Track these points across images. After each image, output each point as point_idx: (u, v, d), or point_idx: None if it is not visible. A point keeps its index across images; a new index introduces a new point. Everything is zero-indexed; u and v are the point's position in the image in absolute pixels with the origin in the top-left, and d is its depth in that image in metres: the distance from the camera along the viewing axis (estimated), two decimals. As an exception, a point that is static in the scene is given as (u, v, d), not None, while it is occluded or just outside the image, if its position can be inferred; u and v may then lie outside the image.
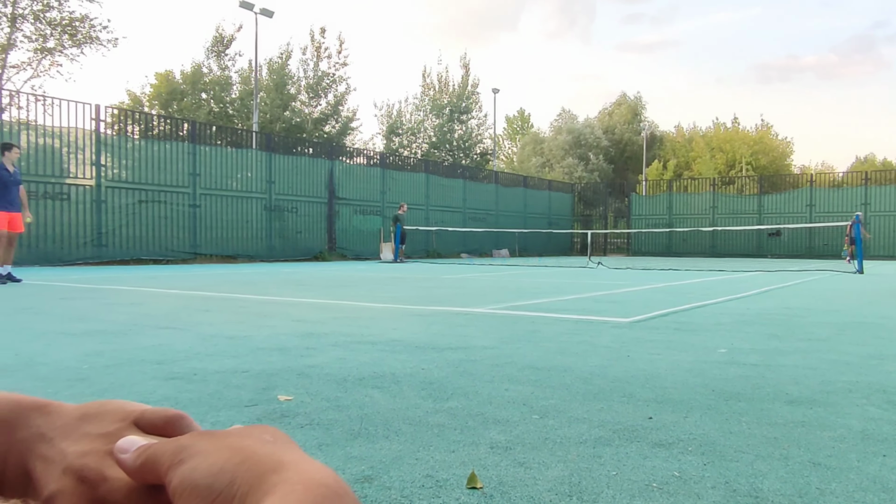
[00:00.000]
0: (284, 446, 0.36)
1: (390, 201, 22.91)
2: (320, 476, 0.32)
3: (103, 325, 4.76)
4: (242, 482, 0.32)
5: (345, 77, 35.65)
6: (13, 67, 26.50)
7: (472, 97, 41.46)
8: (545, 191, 32.70)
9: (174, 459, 0.36)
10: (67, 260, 14.62)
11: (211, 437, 0.37)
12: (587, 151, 47.73)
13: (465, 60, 41.91)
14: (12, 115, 15.40)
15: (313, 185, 20.67)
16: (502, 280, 10.96)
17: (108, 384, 2.85)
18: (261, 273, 12.50)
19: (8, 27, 25.28)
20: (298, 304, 6.56)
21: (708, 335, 4.45)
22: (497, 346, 3.91)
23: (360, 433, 2.15)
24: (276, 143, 20.30)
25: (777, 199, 28.72)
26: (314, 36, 35.07)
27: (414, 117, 40.88)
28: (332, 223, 21.16)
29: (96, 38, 26.50)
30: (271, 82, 33.80)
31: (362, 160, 23.51)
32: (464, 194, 26.73)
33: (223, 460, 0.34)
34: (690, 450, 1.99)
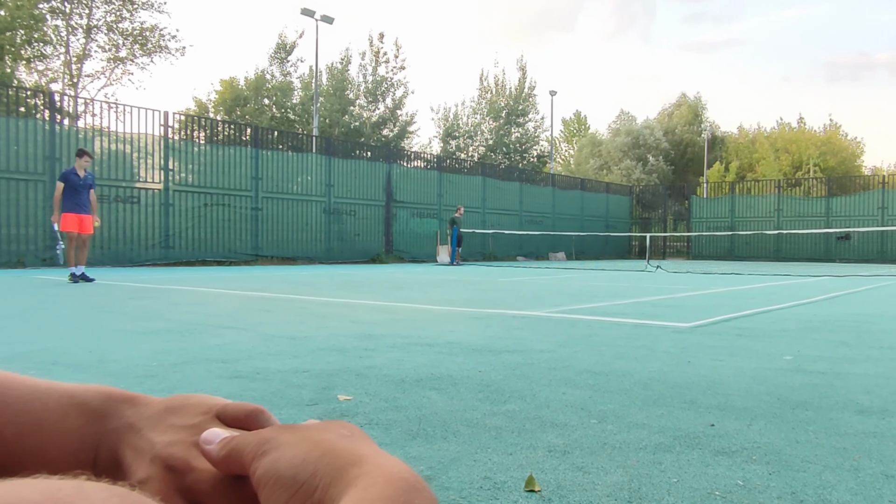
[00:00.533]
0: (361, 441, 0.38)
1: (447, 204, 23.00)
2: (398, 470, 0.34)
3: (170, 324, 4.92)
4: (324, 474, 0.34)
5: (402, 81, 36.01)
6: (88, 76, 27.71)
7: (528, 99, 41.30)
8: (603, 193, 32.29)
9: (258, 451, 0.38)
10: (136, 261, 15.19)
11: (292, 431, 0.39)
12: (646, 153, 46.91)
13: (522, 63, 41.86)
14: (87, 122, 16.10)
15: (371, 188, 20.92)
16: (559, 283, 10.88)
17: (175, 381, 2.95)
18: (319, 274, 12.72)
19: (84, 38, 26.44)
20: (356, 305, 6.66)
21: (772, 341, 4.33)
22: (554, 350, 3.89)
23: (419, 434, 2.18)
24: (335, 147, 20.63)
25: (846, 201, 27.65)
26: (372, 41, 35.55)
27: (471, 120, 40.97)
28: (389, 226, 21.37)
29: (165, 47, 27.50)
30: (331, 87, 34.38)
31: (419, 163, 23.68)
32: (520, 197, 26.62)
33: (305, 453, 0.36)
34: (755, 458, 1.95)
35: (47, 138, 14.10)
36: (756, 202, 29.79)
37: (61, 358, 3.47)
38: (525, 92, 41.25)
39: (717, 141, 50.34)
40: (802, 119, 51.42)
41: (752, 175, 46.20)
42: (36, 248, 13.75)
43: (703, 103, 51.64)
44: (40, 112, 14.71)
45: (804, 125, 50.43)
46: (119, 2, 26.49)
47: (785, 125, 51.34)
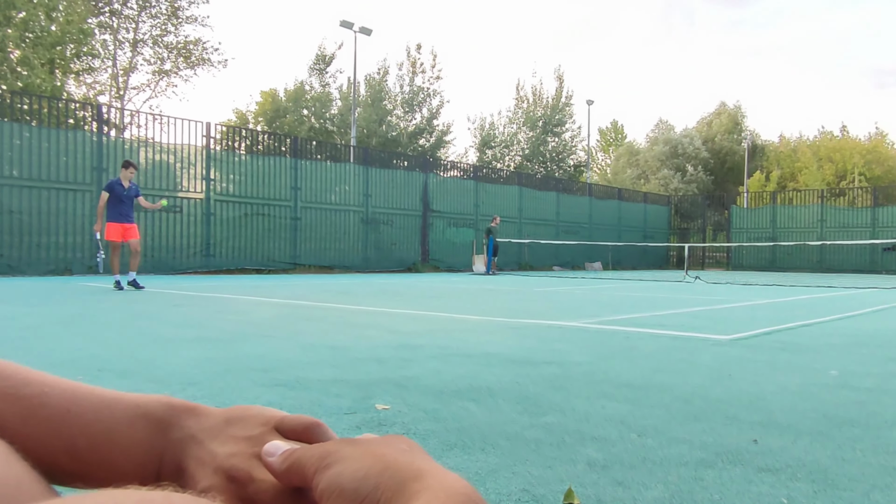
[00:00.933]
0: (420, 456, 0.39)
1: (483, 214, 23.00)
2: (459, 485, 0.35)
3: (212, 331, 5.02)
4: (386, 488, 0.36)
5: (439, 91, 36.19)
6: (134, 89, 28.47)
7: (565, 109, 41.13)
8: (640, 203, 31.95)
9: (321, 464, 0.40)
10: (178, 269, 15.50)
11: (354, 445, 0.40)
12: (685, 162, 46.30)
13: (560, 72, 41.68)
14: (132, 133, 16.52)
15: (408, 197, 21.04)
16: (595, 293, 10.79)
17: (218, 389, 3.01)
18: (357, 284, 12.81)
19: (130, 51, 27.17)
20: (394, 314, 6.70)
21: (817, 356, 4.24)
22: (592, 362, 3.86)
23: (457, 445, 2.19)
24: (372, 157, 20.82)
25: (894, 211, 26.90)
26: (410, 52, 35.82)
27: (507, 130, 40.95)
28: (425, 235, 21.45)
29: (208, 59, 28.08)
30: (369, 98, 34.72)
31: (456, 173, 23.75)
32: (557, 207, 26.50)
33: (367, 466, 0.37)
34: (799, 476, 1.91)
35: (94, 149, 14.52)
36: (798, 212, 29.16)
37: (107, 364, 3.56)
38: (562, 101, 41.11)
39: (757, 150, 49.46)
40: (845, 127, 50.30)
41: (793, 184, 45.29)
42: (82, 256, 14.13)
43: (743, 111, 50.84)
44: (88, 124, 15.14)
45: (847, 133, 49.29)
46: (164, 16, 27.19)
47: (827, 133, 50.25)
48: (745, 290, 12.48)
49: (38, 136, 13.86)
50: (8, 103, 14.43)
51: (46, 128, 14.05)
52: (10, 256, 13.24)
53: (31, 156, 13.69)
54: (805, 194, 30.89)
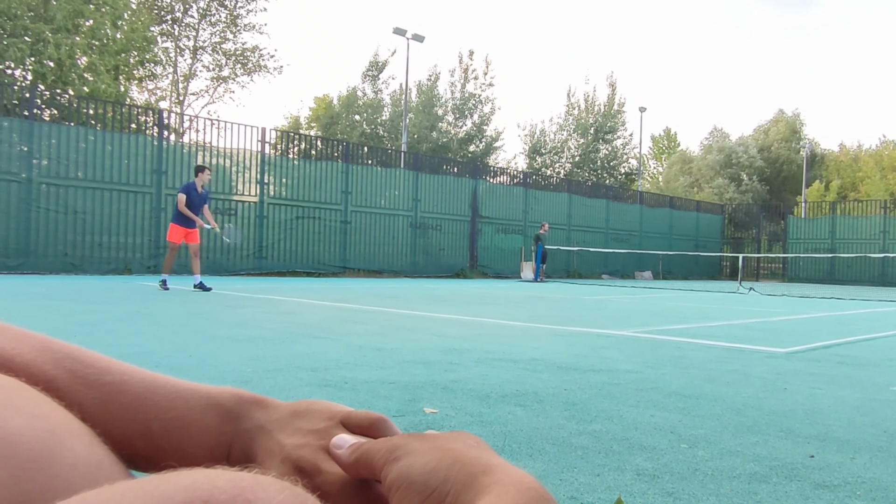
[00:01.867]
0: (488, 452, 0.40)
1: (532, 220, 22.89)
2: (528, 480, 0.35)
3: (263, 332, 5.12)
4: (455, 481, 0.36)
5: (490, 97, 36.21)
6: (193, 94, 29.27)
7: (617, 116, 40.69)
8: (693, 212, 31.33)
9: (390, 456, 0.40)
10: (232, 270, 15.85)
11: (422, 439, 0.41)
12: (739, 171, 45.24)
13: (612, 79, 41.30)
14: (191, 138, 16.99)
15: (457, 203, 21.08)
16: (645, 303, 10.62)
17: (268, 387, 3.07)
18: (405, 288, 12.89)
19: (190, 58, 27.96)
20: (441, 319, 6.72)
21: (877, 371, 4.09)
22: (641, 371, 3.81)
23: (504, 449, 2.18)
24: (422, 163, 20.94)
25: (962, 223, 25.76)
26: (462, 58, 35.96)
27: (557, 137, 40.71)
28: (474, 241, 21.45)
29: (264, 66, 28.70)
30: (420, 104, 34.97)
31: (505, 179, 23.70)
32: (606, 214, 26.19)
33: (436, 460, 0.38)
34: (859, 494, 1.85)
35: (155, 153, 14.98)
36: (859, 223, 28.17)
37: (163, 361, 3.66)
38: (614, 108, 40.68)
39: (816, 159, 48.01)
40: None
41: (854, 195, 43.79)
42: (142, 256, 14.57)
43: (801, 119, 49.41)
44: (149, 128, 15.65)
45: (914, 142, 47.46)
46: (223, 24, 27.91)
47: (890, 142, 48.47)
48: (801, 303, 12.12)
49: (102, 140, 14.37)
50: (75, 108, 15.00)
51: (110, 132, 14.57)
52: (73, 255, 13.74)
53: (96, 158, 14.19)
54: (867, 205, 29.84)
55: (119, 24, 22.76)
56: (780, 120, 49.34)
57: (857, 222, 28.28)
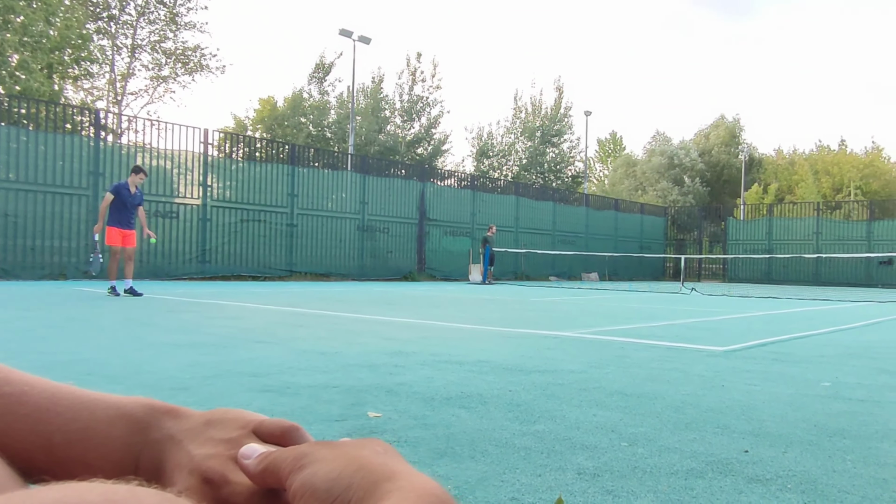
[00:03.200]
0: (395, 458, 0.39)
1: (480, 223, 23.02)
2: (430, 486, 0.35)
3: (204, 337, 5.00)
4: (358, 488, 0.35)
5: (438, 100, 36.30)
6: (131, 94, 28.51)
7: (564, 120, 41.27)
8: (637, 214, 32.02)
9: (295, 465, 0.39)
10: (174, 274, 15.47)
11: (329, 447, 0.40)
12: (682, 174, 46.46)
13: (559, 83, 41.89)
14: (130, 139, 16.52)
15: (405, 206, 21.06)
16: (591, 304, 10.78)
17: (207, 394, 2.99)
18: (352, 291, 12.80)
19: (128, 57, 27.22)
20: (388, 322, 6.68)
21: (810, 367, 4.23)
22: (585, 371, 3.85)
23: (447, 452, 2.17)
24: (370, 165, 20.84)
25: (889, 225, 26.97)
26: (410, 60, 35.94)
27: (504, 140, 41.06)
28: (422, 244, 21.45)
29: (206, 66, 28.13)
30: (367, 106, 34.80)
31: (453, 182, 23.78)
32: (553, 217, 26.53)
33: (341, 467, 0.37)
34: (790, 487, 1.90)
35: (91, 154, 14.52)
36: (795, 225, 29.24)
37: (98, 368, 3.54)
38: (561, 112, 41.25)
39: (754, 162, 49.67)
40: (844, 141, 50.55)
41: (790, 197, 45.44)
42: (77, 261, 14.09)
43: (741, 124, 51.06)
44: (85, 129, 15.15)
45: (845, 147, 49.55)
46: (163, 22, 27.25)
47: (824, 147, 50.49)
48: (740, 302, 12.49)
49: (36, 141, 13.85)
50: (6, 107, 14.42)
51: (44, 132, 14.04)
52: (4, 260, 13.20)
53: (28, 160, 13.67)
54: (801, 207, 30.99)
55: (52, 20, 22.00)
56: (721, 125, 50.88)
57: (792, 224, 29.34)
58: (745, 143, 50.03)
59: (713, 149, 49.08)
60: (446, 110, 37.00)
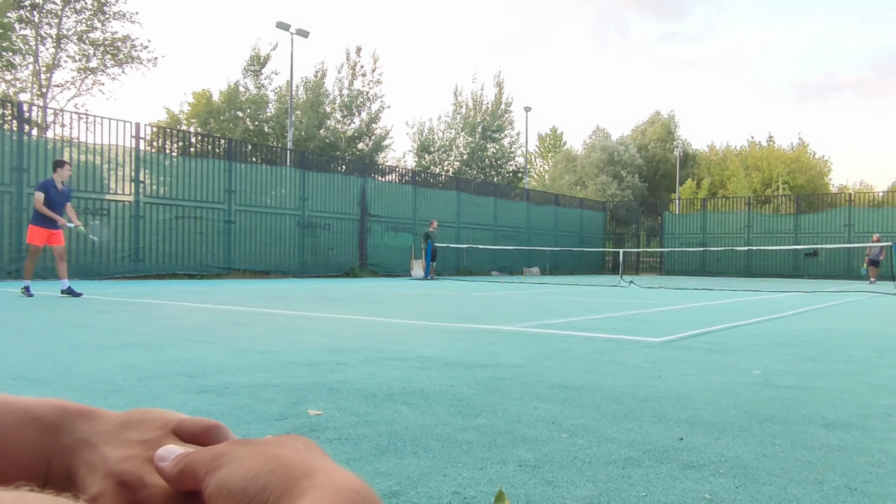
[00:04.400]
0: (316, 455, 0.38)
1: (421, 218, 23.01)
2: (350, 482, 0.33)
3: (138, 337, 4.85)
4: (275, 487, 0.34)
5: (378, 95, 36.07)
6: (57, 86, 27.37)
7: (504, 115, 41.59)
8: (577, 209, 32.56)
9: (211, 466, 0.38)
10: (105, 274, 14.94)
11: (247, 445, 0.39)
12: (620, 169, 47.48)
13: (499, 79, 42.13)
14: (56, 133, 15.87)
15: (346, 202, 20.87)
16: (533, 298, 10.91)
17: (141, 396, 2.90)
18: (293, 288, 12.62)
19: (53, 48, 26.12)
20: (329, 319, 6.61)
21: (741, 356, 4.38)
22: (526, 364, 3.89)
23: (389, 448, 2.16)
24: (309, 161, 20.57)
25: (814, 218, 28.18)
26: (349, 55, 35.61)
27: (446, 135, 41.13)
28: (363, 240, 21.31)
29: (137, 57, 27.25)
30: (307, 101, 34.31)
31: (394, 178, 23.70)
32: (495, 212, 26.74)
33: (258, 466, 0.36)
34: (722, 472, 1.96)
35: (14, 149, 13.87)
36: (727, 219, 30.24)
37: (24, 372, 3.39)
38: (501, 108, 41.55)
39: (688, 158, 51.15)
40: (772, 138, 52.53)
41: (723, 192, 46.97)
42: (1, 261, 13.47)
43: (675, 121, 52.48)
44: (8, 122, 14.46)
45: (773, 144, 51.50)
46: (90, 11, 26.25)
47: (755, 143, 52.38)
48: (676, 294, 12.84)
49: (-46, 135, 13.16)
50: (-80, 99, 13.64)
51: (-38, 125, 13.35)
52: (-79, 261, 12.52)
53: (-54, 155, 12.99)
54: (733, 201, 32.07)
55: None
56: (657, 121, 52.20)
57: (724, 218, 30.33)
58: (680, 139, 51.54)
59: (650, 144, 50.34)
60: (387, 105, 36.79)
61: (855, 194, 29.06)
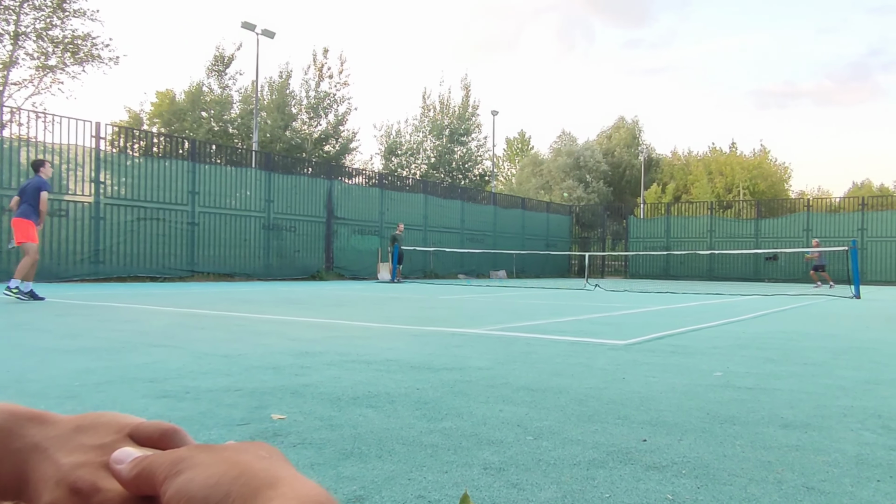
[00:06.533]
0: (279, 463, 0.37)
1: (388, 221, 22.94)
2: (314, 493, 0.33)
3: (97, 342, 4.74)
4: (238, 495, 0.33)
5: (346, 97, 35.88)
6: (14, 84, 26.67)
7: (472, 119, 41.69)
8: (543, 212, 32.78)
9: (171, 470, 0.36)
10: (64, 276, 14.59)
11: (208, 451, 0.37)
12: (586, 174, 47.94)
13: (466, 82, 42.24)
14: (13, 132, 15.47)
15: (312, 204, 20.70)
16: (499, 301, 10.95)
17: (98, 401, 2.84)
18: (258, 291, 12.47)
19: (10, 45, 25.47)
20: (294, 322, 6.55)
21: (704, 358, 4.45)
22: (492, 367, 3.90)
23: (353, 453, 2.14)
24: (275, 163, 20.37)
25: (774, 223, 28.80)
26: (316, 56, 35.36)
27: (413, 138, 41.09)
28: (329, 243, 21.16)
29: (98, 56, 26.70)
30: (272, 102, 33.98)
31: (361, 180, 23.59)
32: (462, 215, 26.78)
33: (220, 473, 0.34)
34: (684, 472, 1.98)
35: (-30, 148, 13.48)
36: (690, 223, 30.73)
37: (-24, 377, 3.29)
38: (469, 111, 41.65)
39: (653, 163, 51.87)
40: (734, 144, 53.55)
41: (686, 197, 47.74)
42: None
43: (640, 126, 53.20)
44: (-38, 120, 14.06)
45: (736, 150, 52.50)
46: (49, 8, 25.65)
47: (717, 150, 53.33)
48: (641, 298, 12.99)
49: None
50: None
51: (-86, 123, 12.95)
52: None
53: None
54: (696, 206, 32.61)
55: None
56: (622, 126, 52.86)
57: (688, 222, 30.83)
58: (645, 144, 52.26)
59: (615, 149, 50.94)
60: (354, 107, 36.53)
61: (813, 200, 29.76)
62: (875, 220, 26.66)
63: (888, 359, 4.65)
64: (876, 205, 27.61)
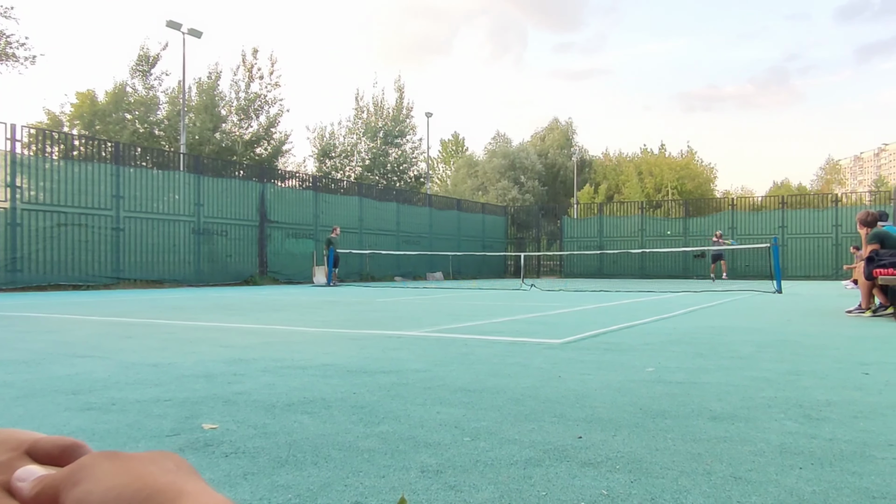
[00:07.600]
0: (186, 476, 0.35)
1: (323, 224, 22.67)
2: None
3: (15, 353, 4.51)
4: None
5: (277, 98, 35.27)
6: (-78, 84, 25.20)
7: (406, 121, 41.61)
8: (479, 213, 33.00)
9: (69, 480, 0.34)
10: (-21, 286, 13.85)
11: (112, 459, 0.35)
12: (521, 175, 48.52)
13: (400, 84, 42.12)
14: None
15: (244, 207, 20.27)
16: (436, 303, 10.96)
17: (17, 416, 2.69)
18: (188, 298, 12.13)
19: (-83, 42, 24.06)
20: (227, 329, 6.39)
21: (636, 355, 4.55)
22: (429, 369, 3.89)
23: (288, 460, 2.09)
24: (204, 166, 19.86)
25: (701, 222, 29.78)
26: (245, 57, 34.63)
27: (347, 140, 40.74)
28: (263, 247, 20.77)
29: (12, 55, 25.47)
30: (201, 103, 33.10)
31: (294, 183, 23.23)
32: (397, 217, 26.70)
33: (122, 486, 0.33)
34: (618, 468, 2.01)
35: None
36: (622, 222, 31.48)
37: None
38: (403, 113, 41.55)
39: (585, 164, 52.93)
40: (663, 145, 55.16)
41: (618, 197, 48.89)
42: None
43: (573, 128, 54.21)
44: None
45: (665, 151, 54.10)
46: (-40, 5, 24.32)
47: (647, 151, 54.84)
48: (576, 297, 13.22)
49: None
50: None
51: None
52: None
53: None
54: (627, 206, 33.43)
55: None
56: (556, 128, 53.76)
57: (620, 222, 31.57)
58: (578, 145, 53.26)
59: (549, 150, 51.74)
60: (286, 109, 35.74)
61: (737, 199, 30.93)
62: (794, 217, 27.89)
63: (809, 350, 4.86)
64: (795, 203, 28.91)
